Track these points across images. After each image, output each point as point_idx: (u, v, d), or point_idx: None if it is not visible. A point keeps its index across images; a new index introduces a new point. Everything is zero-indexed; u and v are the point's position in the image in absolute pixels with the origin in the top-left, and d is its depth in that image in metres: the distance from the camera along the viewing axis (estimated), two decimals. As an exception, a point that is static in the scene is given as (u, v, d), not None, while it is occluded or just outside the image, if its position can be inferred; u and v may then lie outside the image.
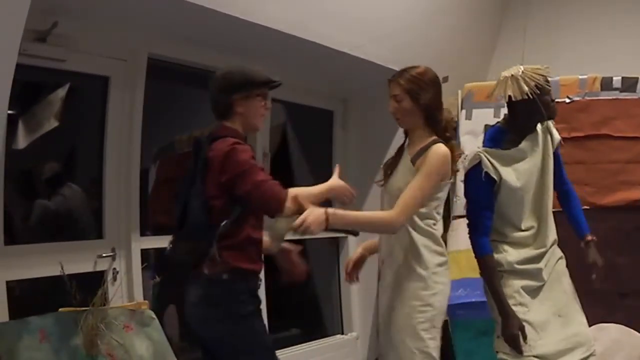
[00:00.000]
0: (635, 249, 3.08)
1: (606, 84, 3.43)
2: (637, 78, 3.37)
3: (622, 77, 3.40)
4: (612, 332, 3.02)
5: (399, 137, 4.04)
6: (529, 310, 2.33)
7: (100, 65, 2.82)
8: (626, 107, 3.39)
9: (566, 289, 2.46)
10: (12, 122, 2.47)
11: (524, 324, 2.31)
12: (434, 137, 2.28)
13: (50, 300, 2.47)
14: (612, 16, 4.06)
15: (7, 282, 2.42)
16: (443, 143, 2.25)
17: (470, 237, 2.42)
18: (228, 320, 2.07)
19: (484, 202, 2.40)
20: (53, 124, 2.64)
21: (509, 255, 2.39)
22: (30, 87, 2.71)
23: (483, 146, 2.45)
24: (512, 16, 4.48)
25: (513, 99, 2.33)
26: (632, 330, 3.04)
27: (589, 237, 2.49)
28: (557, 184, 2.50)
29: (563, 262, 2.50)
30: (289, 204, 1.99)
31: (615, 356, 2.96)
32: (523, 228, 2.42)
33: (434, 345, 2.21)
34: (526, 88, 2.31)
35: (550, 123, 2.48)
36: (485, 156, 2.38)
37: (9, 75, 2.00)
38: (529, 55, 4.12)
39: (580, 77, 3.44)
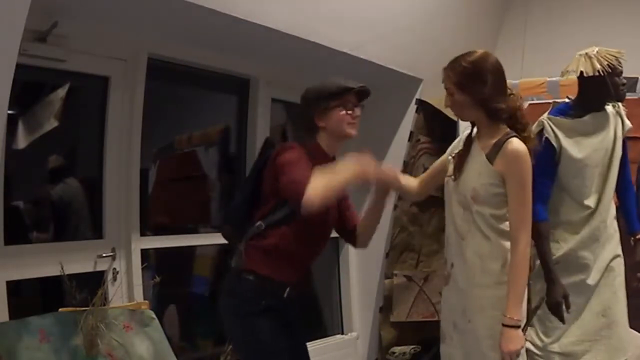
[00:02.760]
0: (634, 248, 3.08)
1: (606, 84, 3.43)
2: (637, 78, 3.36)
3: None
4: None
5: (399, 137, 4.08)
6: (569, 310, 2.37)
7: (100, 65, 2.82)
8: (626, 107, 3.38)
9: (617, 289, 2.49)
10: (12, 122, 2.47)
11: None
12: (507, 130, 2.07)
13: (50, 300, 2.48)
14: (612, 16, 4.06)
15: (7, 282, 2.42)
16: (517, 136, 2.05)
17: None
18: (235, 315, 2.11)
19: (542, 168, 2.36)
20: (53, 124, 2.63)
21: (560, 247, 2.43)
22: (30, 87, 2.71)
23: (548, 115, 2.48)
24: (512, 16, 4.48)
25: (585, 74, 2.40)
26: (632, 330, 3.03)
27: None
28: (619, 172, 2.54)
29: (620, 261, 2.53)
30: (311, 202, 1.87)
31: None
32: (586, 204, 2.44)
33: (523, 351, 2.06)
34: (598, 66, 2.38)
35: (622, 108, 2.54)
36: (548, 123, 2.44)
37: (9, 75, 2.00)
38: (529, 55, 4.13)
39: (580, 77, 3.44)
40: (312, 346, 3.78)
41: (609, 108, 2.54)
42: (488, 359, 2.03)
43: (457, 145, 2.26)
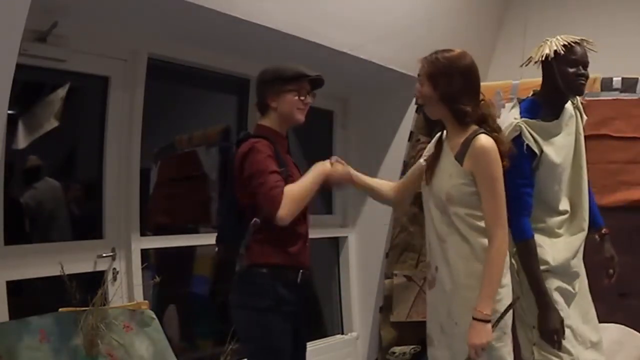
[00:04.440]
0: (635, 249, 3.08)
1: (606, 85, 3.43)
2: (637, 78, 3.37)
3: (622, 78, 3.39)
4: (613, 332, 3.01)
5: (399, 137, 4.09)
6: (567, 316, 2.25)
7: (100, 65, 2.82)
8: (626, 107, 3.38)
9: (586, 291, 2.40)
10: (12, 122, 2.47)
11: (569, 329, 2.23)
12: (475, 128, 2.07)
13: (50, 300, 2.48)
14: (612, 16, 4.06)
15: (7, 282, 2.42)
16: (485, 133, 2.04)
17: (509, 219, 2.08)
18: (249, 309, 2.11)
19: (525, 177, 2.21)
20: (53, 124, 2.63)
21: (545, 252, 2.25)
22: (30, 87, 2.71)
23: (521, 117, 2.27)
24: (512, 17, 4.47)
25: (533, 61, 2.28)
26: (632, 330, 3.03)
27: (605, 230, 2.42)
28: None
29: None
30: (285, 212, 2.01)
31: (615, 356, 2.96)
32: (560, 209, 2.29)
33: (507, 351, 2.08)
34: (546, 51, 2.22)
35: (579, 101, 2.38)
36: (526, 127, 2.22)
37: (9, 75, 2.00)
38: (529, 54, 4.12)
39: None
40: (312, 346, 3.78)
41: (568, 104, 2.38)
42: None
43: (430, 148, 2.26)
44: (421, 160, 2.26)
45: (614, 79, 3.41)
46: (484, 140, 2.02)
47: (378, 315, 3.96)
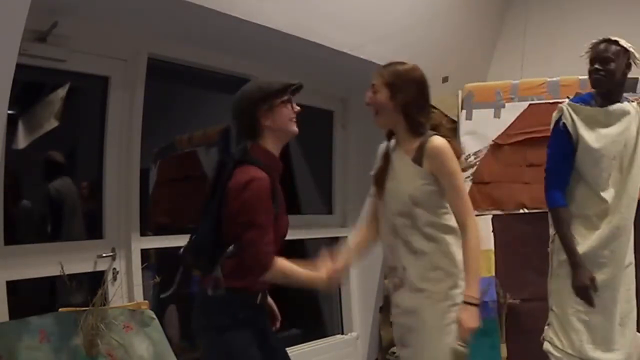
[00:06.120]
0: (634, 249, 3.08)
1: (606, 84, 3.44)
2: (637, 78, 3.36)
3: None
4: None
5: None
6: (589, 311, 2.43)
7: (100, 65, 2.82)
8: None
9: (631, 297, 2.53)
10: (12, 122, 2.47)
11: (575, 318, 2.43)
12: (428, 132, 2.16)
13: (50, 301, 2.48)
14: (612, 16, 4.05)
15: (7, 282, 2.42)
16: (437, 134, 2.16)
17: (545, 192, 2.53)
18: (211, 331, 2.08)
19: (561, 154, 2.50)
20: (53, 124, 2.63)
21: (577, 243, 2.46)
22: (30, 87, 2.71)
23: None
24: (512, 17, 4.47)
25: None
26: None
27: None
28: None
29: (633, 269, 2.56)
30: (274, 273, 2.01)
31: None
32: (602, 196, 2.47)
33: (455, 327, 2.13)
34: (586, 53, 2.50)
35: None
36: (567, 109, 2.49)
37: (9, 75, 2.00)
38: (529, 55, 4.13)
39: (580, 77, 3.43)
40: (312, 346, 3.81)
41: (632, 105, 2.56)
42: (441, 344, 2.10)
43: (378, 162, 2.31)
44: (371, 173, 2.33)
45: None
46: (439, 140, 2.13)
47: (378, 315, 3.96)
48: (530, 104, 3.47)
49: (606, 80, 2.48)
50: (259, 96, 2.12)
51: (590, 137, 2.48)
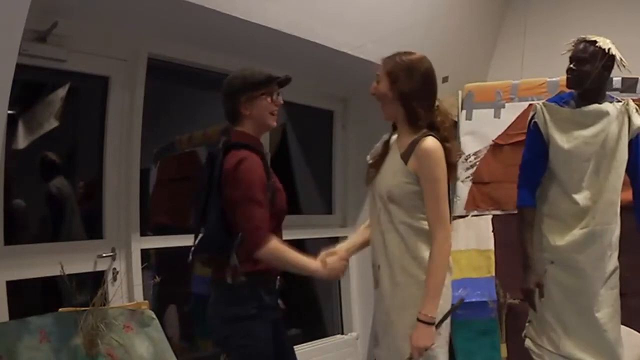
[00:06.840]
0: (634, 249, 3.08)
1: (606, 84, 3.44)
2: (637, 78, 3.36)
3: (622, 77, 3.38)
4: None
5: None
6: (561, 309, 2.45)
7: (100, 65, 2.82)
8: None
9: (615, 302, 2.53)
10: (12, 122, 2.47)
11: (553, 319, 2.45)
12: (424, 131, 2.08)
13: (50, 301, 2.48)
14: (612, 16, 4.05)
15: (7, 282, 2.42)
16: (434, 136, 2.07)
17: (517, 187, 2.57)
18: (232, 320, 2.09)
19: (532, 153, 2.51)
20: (53, 124, 2.64)
21: (548, 243, 2.47)
22: (30, 87, 2.71)
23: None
24: (512, 16, 4.47)
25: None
26: (632, 330, 3.03)
27: None
28: (630, 171, 2.53)
29: (617, 273, 2.55)
30: (262, 254, 2.02)
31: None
32: (575, 198, 2.45)
33: (441, 352, 2.08)
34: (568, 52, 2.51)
35: (633, 106, 2.52)
36: (541, 108, 2.50)
37: (9, 75, 2.00)
38: (529, 54, 4.13)
39: (580, 77, 3.44)
40: (312, 346, 3.81)
41: (615, 105, 2.50)
42: (404, 353, 2.04)
43: (377, 148, 2.28)
44: (368, 157, 2.29)
45: (614, 79, 3.39)
46: (430, 142, 2.04)
47: (378, 315, 3.96)
48: (530, 104, 3.47)
49: (579, 81, 2.46)
50: (240, 86, 2.14)
51: (561, 138, 2.46)
